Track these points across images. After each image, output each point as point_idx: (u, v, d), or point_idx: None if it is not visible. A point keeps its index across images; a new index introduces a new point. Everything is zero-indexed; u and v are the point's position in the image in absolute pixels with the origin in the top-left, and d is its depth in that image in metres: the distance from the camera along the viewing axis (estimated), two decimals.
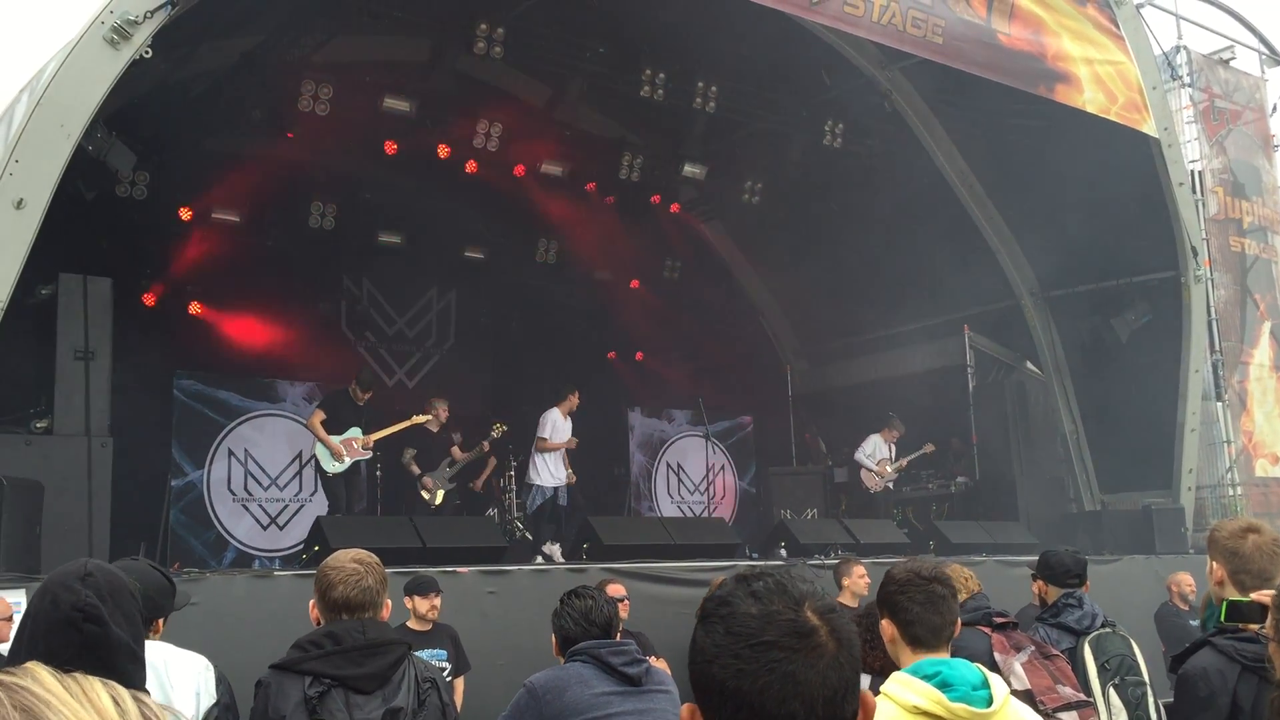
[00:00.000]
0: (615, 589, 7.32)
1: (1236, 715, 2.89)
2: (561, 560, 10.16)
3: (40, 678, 0.86)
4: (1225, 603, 3.04)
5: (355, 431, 10.58)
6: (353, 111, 11.62)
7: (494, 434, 12.04)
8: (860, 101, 12.88)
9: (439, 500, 11.47)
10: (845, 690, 1.41)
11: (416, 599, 6.77)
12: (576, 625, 3.88)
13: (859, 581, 7.84)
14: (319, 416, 10.55)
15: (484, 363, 15.06)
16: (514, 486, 12.96)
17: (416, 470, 11.53)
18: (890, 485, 13.71)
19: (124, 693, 0.89)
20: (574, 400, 11.95)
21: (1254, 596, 2.94)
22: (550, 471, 11.97)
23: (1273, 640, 2.42)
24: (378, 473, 12.17)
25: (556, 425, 12.05)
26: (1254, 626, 2.86)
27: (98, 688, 0.88)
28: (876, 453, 13.58)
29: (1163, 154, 11.69)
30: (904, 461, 13.62)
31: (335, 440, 10.41)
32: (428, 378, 14.93)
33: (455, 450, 11.86)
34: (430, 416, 11.45)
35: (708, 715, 1.42)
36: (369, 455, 10.84)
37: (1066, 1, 10.77)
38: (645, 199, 14.42)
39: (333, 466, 10.44)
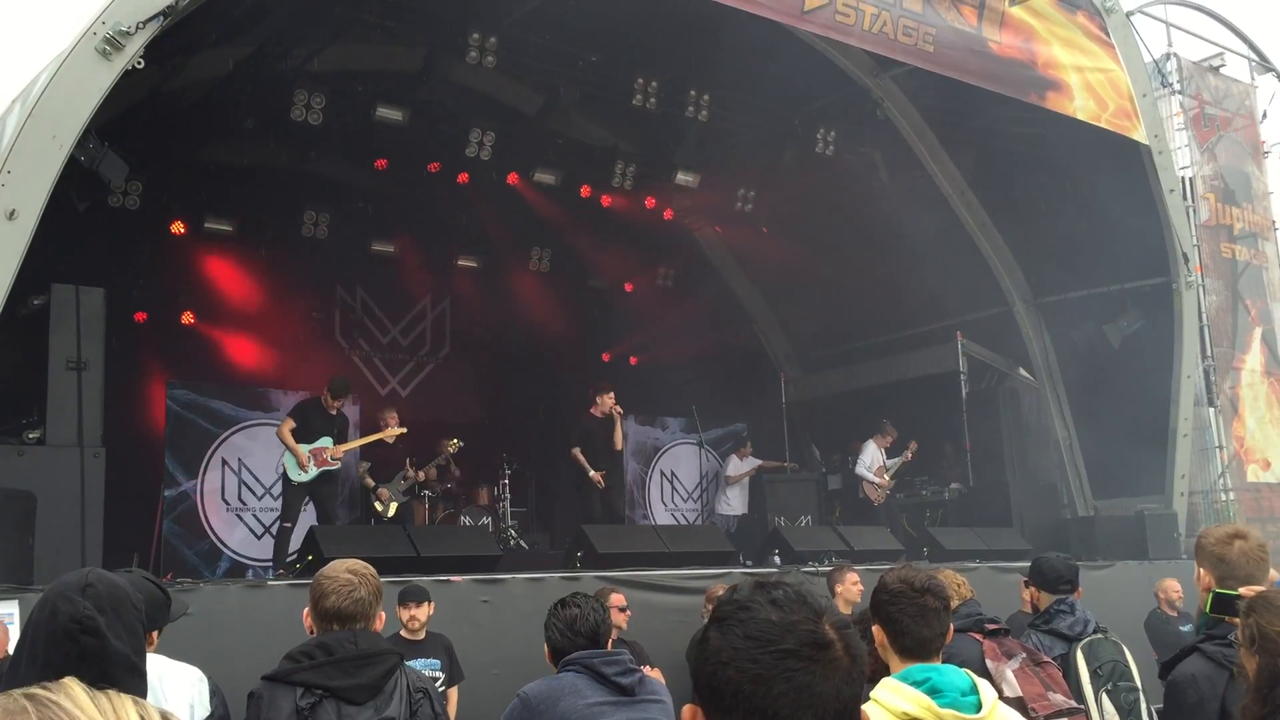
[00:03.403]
0: (617, 598, 7.31)
1: None
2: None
3: (73, 694, 0.87)
4: (1211, 594, 3.05)
5: (326, 441, 10.24)
6: (345, 121, 11.63)
7: (450, 449, 12.00)
8: (852, 109, 12.92)
9: (392, 512, 11.41)
10: (854, 705, 1.44)
11: (408, 608, 6.76)
12: (562, 636, 3.87)
13: (852, 588, 7.83)
14: (289, 425, 10.22)
15: (478, 371, 15.07)
16: (508, 495, 12.97)
17: (371, 482, 11.46)
18: (889, 493, 13.69)
19: (153, 711, 0.90)
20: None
21: (1242, 591, 2.96)
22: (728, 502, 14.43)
23: (1243, 646, 2.44)
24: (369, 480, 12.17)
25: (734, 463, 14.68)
26: (1238, 620, 2.88)
27: (128, 706, 0.89)
28: (874, 462, 13.56)
29: (1153, 161, 11.72)
30: (891, 471, 13.61)
31: (303, 450, 10.08)
32: (421, 386, 14.95)
33: (409, 467, 11.74)
34: (403, 430, 11.29)
35: (713, 718, 1.43)
36: (337, 465, 10.46)
37: (1057, 10, 10.81)
38: (638, 206, 14.45)
39: (298, 475, 10.09)
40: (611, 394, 11.57)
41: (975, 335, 14.38)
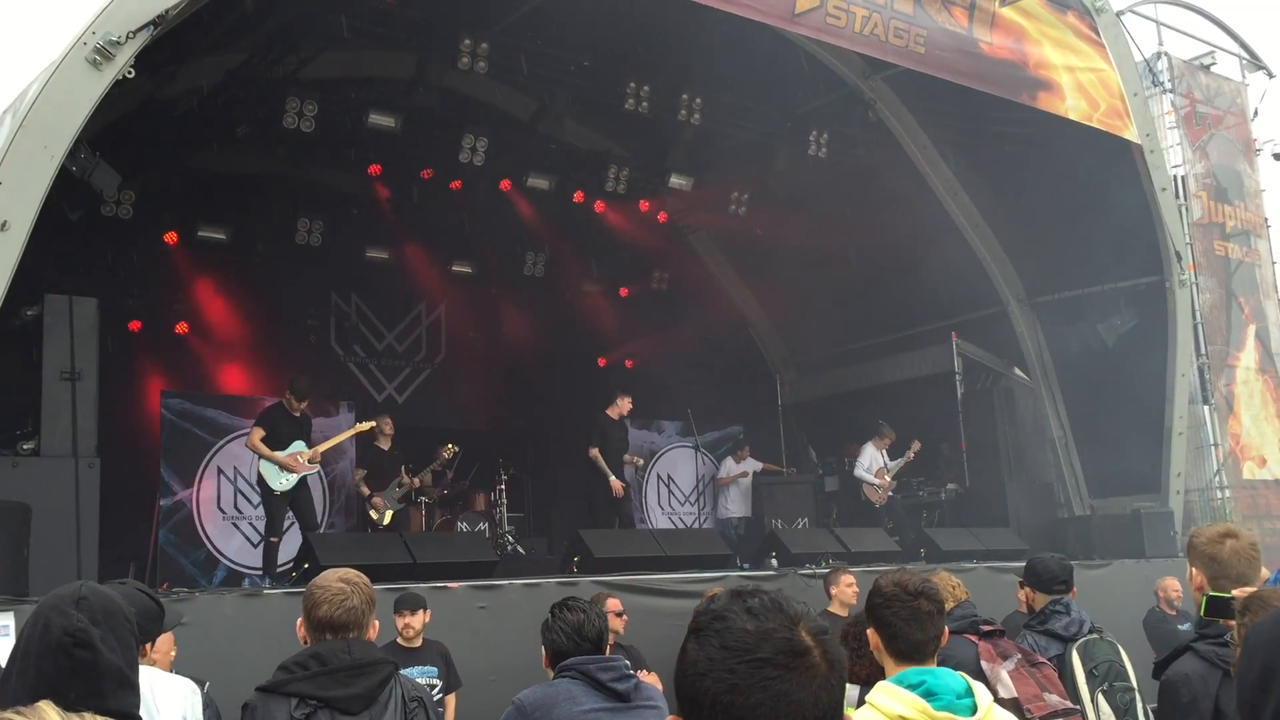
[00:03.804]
0: (614, 604, 7.30)
1: None
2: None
3: (46, 716, 0.86)
4: (1205, 597, 3.06)
5: (299, 445, 9.95)
6: (338, 128, 11.62)
7: (445, 455, 11.98)
8: (844, 111, 12.94)
9: (387, 520, 11.32)
10: (834, 711, 1.43)
11: (402, 616, 6.75)
12: (569, 640, 3.86)
13: (847, 590, 7.85)
14: (258, 434, 9.86)
15: (474, 377, 15.06)
16: (505, 500, 12.96)
17: (366, 490, 11.39)
18: (891, 494, 13.69)
19: None
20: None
21: (1235, 593, 2.97)
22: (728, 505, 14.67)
23: (1238, 645, 2.44)
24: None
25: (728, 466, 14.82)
26: (1232, 623, 2.89)
27: None
28: (873, 464, 13.55)
29: (1145, 160, 11.75)
30: (893, 472, 13.61)
31: (282, 454, 9.81)
32: (417, 393, 14.94)
33: (404, 474, 11.64)
34: (373, 424, 11.20)
35: None
36: (316, 468, 10.30)
37: (1047, 10, 10.83)
38: (632, 210, 14.47)
39: (280, 484, 9.81)
40: (629, 400, 11.87)
41: (970, 335, 14.39)
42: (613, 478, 11.46)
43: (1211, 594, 3.03)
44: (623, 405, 11.81)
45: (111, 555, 8.70)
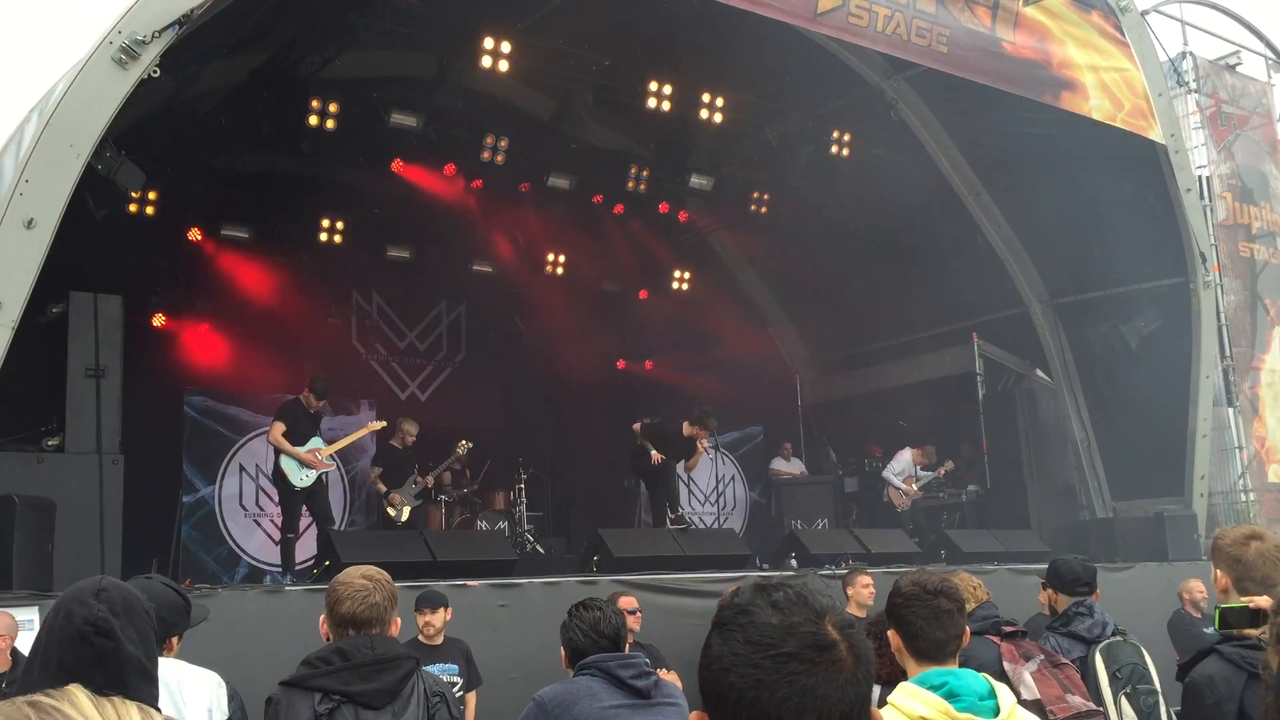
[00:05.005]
0: (628, 601, 7.31)
1: None
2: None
3: (76, 700, 0.86)
4: (1218, 610, 3.04)
5: (317, 442, 10.03)
6: (360, 127, 11.67)
7: (459, 451, 12.01)
8: (866, 111, 12.89)
9: (405, 516, 11.35)
10: (861, 706, 1.40)
11: (423, 613, 6.77)
12: (585, 638, 3.87)
13: (863, 591, 7.82)
14: (280, 429, 9.88)
15: (495, 375, 15.11)
16: (524, 499, 12.98)
17: (383, 487, 11.45)
18: (914, 501, 13.65)
19: (157, 717, 0.89)
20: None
21: (1244, 600, 2.95)
22: None
23: (1270, 647, 2.42)
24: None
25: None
26: (1252, 632, 2.86)
27: (133, 713, 0.88)
28: (906, 471, 13.54)
29: (1170, 160, 11.66)
30: (922, 483, 13.58)
31: (303, 450, 9.85)
32: (439, 390, 14.99)
33: (416, 472, 11.64)
34: (384, 424, 11.25)
35: None
36: (332, 466, 10.43)
37: (1071, 9, 10.77)
38: (652, 210, 14.47)
39: (301, 480, 9.84)
40: (706, 434, 11.63)
41: (992, 336, 14.33)
42: (654, 451, 11.39)
43: (1223, 606, 3.01)
44: (696, 430, 11.56)
45: (134, 551, 8.75)
